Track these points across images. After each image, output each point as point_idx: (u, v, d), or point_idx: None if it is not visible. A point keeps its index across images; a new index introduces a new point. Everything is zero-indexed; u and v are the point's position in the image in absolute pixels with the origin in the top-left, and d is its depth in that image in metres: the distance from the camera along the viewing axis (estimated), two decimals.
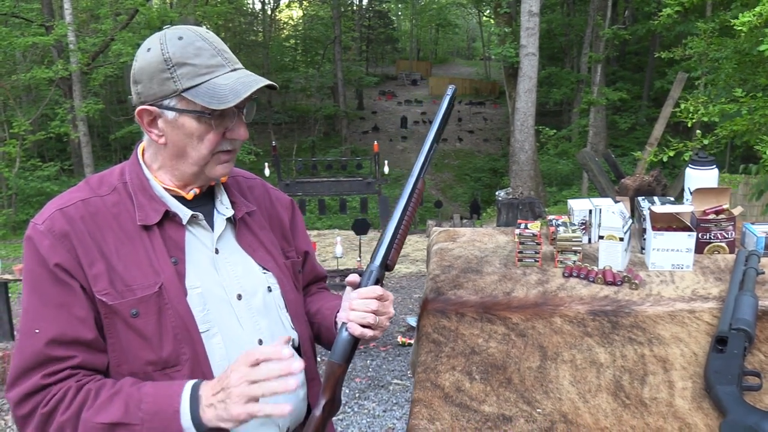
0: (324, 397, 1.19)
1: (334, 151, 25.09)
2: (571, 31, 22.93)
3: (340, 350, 1.19)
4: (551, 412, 1.15)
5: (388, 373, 5.04)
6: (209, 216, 1.30)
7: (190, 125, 1.19)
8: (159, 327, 1.16)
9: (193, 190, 1.27)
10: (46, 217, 1.18)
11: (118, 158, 22.35)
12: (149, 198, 1.23)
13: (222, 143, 1.22)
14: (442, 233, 2.00)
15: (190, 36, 1.19)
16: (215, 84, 1.16)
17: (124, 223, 1.20)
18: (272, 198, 1.48)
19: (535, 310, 1.44)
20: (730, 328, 1.25)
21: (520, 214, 7.80)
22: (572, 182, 18.41)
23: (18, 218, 15.45)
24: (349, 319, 1.20)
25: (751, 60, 5.23)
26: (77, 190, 1.24)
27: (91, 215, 1.19)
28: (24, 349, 1.13)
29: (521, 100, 12.57)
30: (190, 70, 1.16)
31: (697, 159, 1.86)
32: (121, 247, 1.18)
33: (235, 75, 1.18)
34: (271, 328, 1.30)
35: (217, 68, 1.17)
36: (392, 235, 1.28)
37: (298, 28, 35.95)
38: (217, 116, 1.18)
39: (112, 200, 1.22)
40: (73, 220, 1.17)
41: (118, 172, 1.28)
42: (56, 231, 1.15)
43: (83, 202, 1.20)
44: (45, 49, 16.74)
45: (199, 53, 1.17)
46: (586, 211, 1.82)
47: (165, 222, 1.22)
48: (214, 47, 1.19)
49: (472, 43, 53.79)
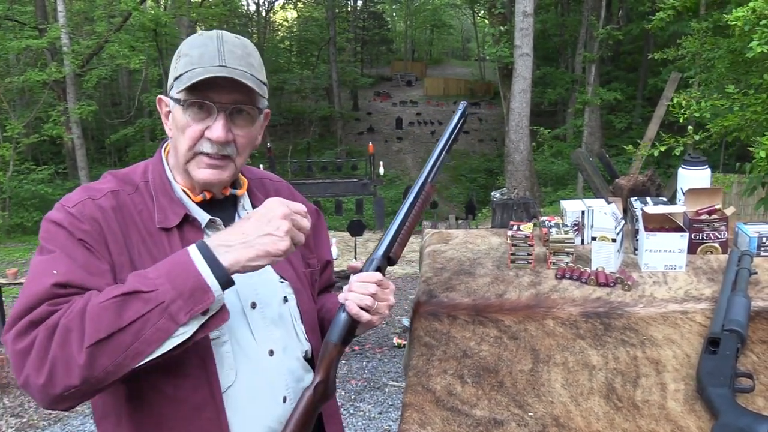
0: (317, 377, 1.19)
1: (330, 153, 25.07)
2: (565, 32, 22.96)
3: (337, 330, 1.20)
4: (543, 415, 1.14)
5: (384, 374, 5.03)
6: (230, 221, 1.25)
7: (178, 116, 1.18)
8: None
9: (202, 193, 1.24)
10: (78, 201, 1.15)
11: (113, 161, 22.30)
12: (170, 200, 1.21)
13: (202, 142, 1.18)
14: (435, 235, 1.99)
15: (208, 34, 1.20)
16: (193, 73, 1.14)
17: (146, 223, 1.19)
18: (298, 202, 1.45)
19: (527, 312, 1.43)
20: (722, 329, 1.25)
21: (514, 214, 7.80)
22: (567, 182, 18.43)
23: (12, 222, 15.38)
24: (346, 300, 1.20)
25: (743, 59, 5.24)
26: (107, 182, 1.22)
27: (120, 208, 1.18)
28: (29, 290, 1.05)
29: (516, 101, 12.58)
30: (187, 60, 1.16)
31: (690, 159, 1.85)
32: (142, 245, 1.17)
33: (216, 68, 1.14)
34: (284, 339, 1.28)
35: (207, 60, 1.15)
36: (397, 227, 1.29)
37: (293, 29, 35.95)
38: (192, 107, 1.16)
39: (136, 198, 1.21)
40: (104, 210, 1.15)
41: (142, 170, 1.27)
42: (86, 214, 1.13)
43: (113, 194, 1.19)
44: (38, 51, 16.68)
45: (201, 47, 1.17)
46: (579, 212, 1.81)
47: (184, 225, 1.21)
48: (222, 46, 1.16)
49: (467, 43, 53.84)
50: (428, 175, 1.35)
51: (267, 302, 1.26)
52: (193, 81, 1.12)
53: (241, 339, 1.21)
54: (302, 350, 1.33)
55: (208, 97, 1.15)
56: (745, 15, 4.04)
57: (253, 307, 1.24)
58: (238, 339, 1.21)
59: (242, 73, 1.15)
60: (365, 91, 34.38)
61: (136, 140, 21.47)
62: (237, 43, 1.19)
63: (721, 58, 5.54)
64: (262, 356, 1.23)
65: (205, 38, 1.18)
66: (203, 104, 1.15)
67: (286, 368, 1.27)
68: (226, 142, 1.17)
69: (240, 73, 1.15)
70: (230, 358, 1.19)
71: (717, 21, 6.19)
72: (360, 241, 9.06)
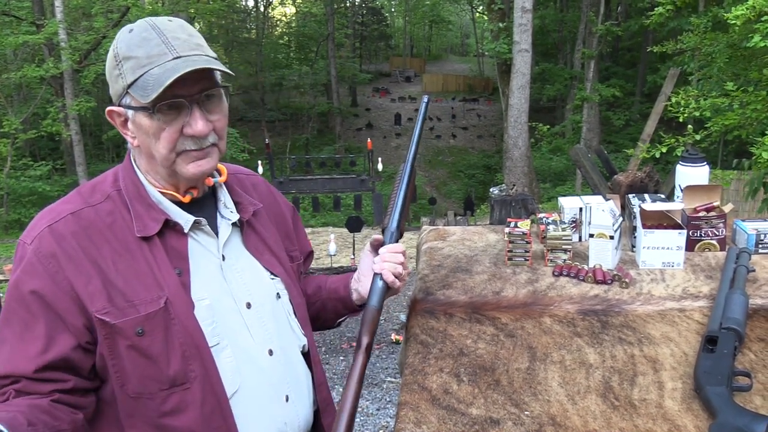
0: (366, 339, 1.23)
1: (328, 149, 25.04)
2: (564, 28, 22.92)
3: (376, 296, 1.28)
4: (539, 414, 1.14)
5: (382, 371, 5.02)
6: (212, 220, 1.23)
7: (144, 123, 1.11)
8: (166, 345, 1.09)
9: (189, 192, 1.20)
10: (35, 236, 1.10)
11: (111, 156, 22.25)
12: (147, 206, 1.15)
13: (183, 141, 1.12)
14: (432, 232, 1.98)
15: (140, 27, 1.11)
16: (149, 75, 1.07)
17: (120, 234, 1.12)
18: (275, 196, 1.45)
19: (524, 310, 1.42)
20: (720, 327, 1.24)
21: (513, 211, 7.79)
22: (566, 178, 18.42)
23: (9, 218, 15.35)
24: (383, 269, 1.29)
25: (743, 54, 5.23)
26: (67, 202, 1.16)
27: (83, 229, 1.11)
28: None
29: (515, 97, 12.55)
30: (134, 63, 1.08)
31: (688, 156, 1.84)
32: (118, 259, 1.10)
33: (173, 63, 1.07)
34: (281, 336, 1.27)
35: (158, 57, 1.07)
36: (402, 202, 1.37)
37: (292, 25, 35.83)
38: (161, 111, 1.09)
39: (106, 209, 1.14)
40: (62, 238, 1.09)
41: (111, 178, 1.20)
42: (43, 252, 1.08)
43: (73, 216, 1.12)
44: (36, 47, 16.62)
45: (142, 44, 1.08)
46: (577, 209, 1.80)
47: (165, 230, 1.15)
48: (163, 36, 1.09)
49: (466, 39, 53.75)
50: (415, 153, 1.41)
51: (261, 301, 1.25)
52: (165, 85, 1.04)
53: (240, 342, 1.19)
54: (299, 345, 1.33)
55: (177, 94, 1.08)
56: (744, 13, 4.03)
57: (248, 308, 1.22)
58: (237, 342, 1.19)
59: (200, 58, 1.10)
60: (364, 87, 34.32)
61: None
62: (176, 27, 1.12)
63: (720, 52, 5.52)
64: (263, 357, 1.22)
65: (140, 33, 1.10)
66: (173, 103, 1.09)
67: (286, 366, 1.27)
68: (208, 132, 1.13)
69: (199, 58, 1.09)
70: (232, 362, 1.17)
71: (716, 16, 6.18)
72: (358, 237, 9.05)
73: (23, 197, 16.11)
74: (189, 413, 1.12)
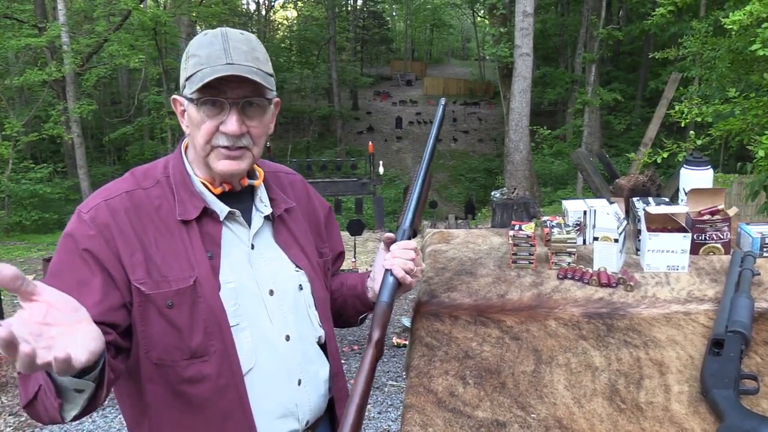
0: (376, 334, 1.27)
1: (329, 152, 25.05)
2: (565, 32, 22.97)
3: (387, 292, 1.32)
4: (546, 417, 1.13)
5: (384, 374, 5.01)
6: (248, 212, 1.34)
7: (192, 113, 1.24)
8: (191, 319, 1.20)
9: (222, 186, 1.30)
10: (92, 207, 1.22)
11: (112, 159, 22.28)
12: (189, 194, 1.27)
13: (217, 136, 1.24)
14: (436, 235, 1.98)
15: (213, 33, 1.24)
16: (202, 72, 1.20)
17: (164, 216, 1.24)
18: (310, 194, 1.53)
19: (529, 312, 1.42)
20: (726, 330, 1.24)
21: (514, 214, 7.79)
22: (567, 182, 18.43)
23: (10, 220, 15.36)
24: (393, 265, 1.33)
25: (744, 59, 5.23)
26: (123, 182, 1.28)
27: (134, 207, 1.23)
28: None
29: (516, 100, 12.57)
30: (195, 60, 1.21)
31: (692, 159, 1.84)
32: (160, 239, 1.22)
33: (222, 67, 1.19)
34: (299, 325, 1.35)
35: (215, 59, 1.20)
36: (416, 201, 1.42)
37: (293, 28, 35.89)
38: (205, 105, 1.21)
39: (155, 193, 1.27)
40: (116, 212, 1.21)
41: (162, 165, 1.33)
42: (99, 221, 1.20)
43: (127, 194, 1.25)
44: (38, 50, 16.65)
45: (208, 46, 1.21)
46: (581, 212, 1.80)
47: (203, 217, 1.27)
48: (227, 44, 1.22)
49: (467, 43, 53.81)
50: (431, 156, 1.46)
51: (283, 290, 1.33)
52: (205, 81, 1.17)
53: (260, 325, 1.28)
54: (316, 336, 1.40)
55: (219, 94, 1.20)
56: (741, 19, 4.03)
57: (270, 294, 1.31)
58: (257, 325, 1.27)
59: (248, 69, 1.21)
60: (365, 90, 34.35)
61: (136, 139, 21.43)
62: (242, 39, 1.24)
63: (721, 57, 5.52)
64: (279, 341, 1.30)
65: (210, 37, 1.23)
66: (215, 101, 1.21)
67: (301, 353, 1.35)
68: (241, 134, 1.23)
69: (246, 68, 1.20)
70: (249, 342, 1.26)
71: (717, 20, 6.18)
72: (359, 240, 9.06)
73: (24, 200, 16.12)
74: (205, 384, 1.22)
